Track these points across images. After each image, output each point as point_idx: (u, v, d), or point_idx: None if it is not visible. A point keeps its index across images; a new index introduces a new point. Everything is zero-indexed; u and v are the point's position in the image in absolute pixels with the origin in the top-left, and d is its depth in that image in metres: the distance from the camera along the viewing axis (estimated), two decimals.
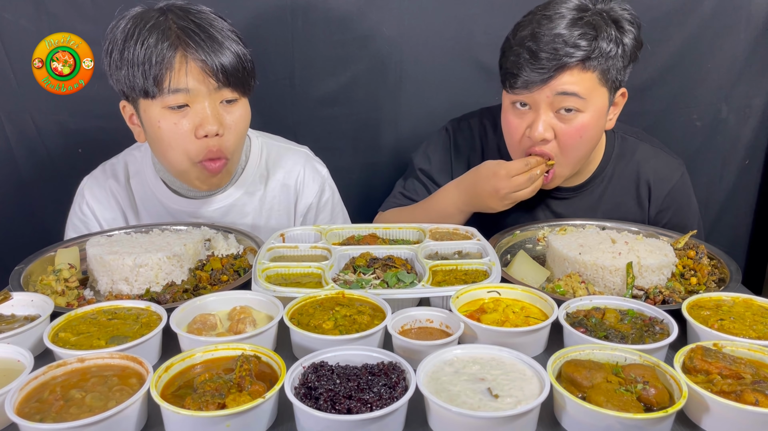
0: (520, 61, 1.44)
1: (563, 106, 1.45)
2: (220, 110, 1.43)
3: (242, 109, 1.48)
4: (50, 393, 0.90)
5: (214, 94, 1.41)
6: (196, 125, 1.41)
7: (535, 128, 1.47)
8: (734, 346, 1.01)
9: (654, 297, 1.26)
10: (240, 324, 1.09)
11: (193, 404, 0.85)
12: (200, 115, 1.40)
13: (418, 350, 1.03)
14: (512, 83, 1.47)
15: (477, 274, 1.28)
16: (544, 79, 1.43)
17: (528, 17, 1.49)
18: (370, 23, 2.08)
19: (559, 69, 1.41)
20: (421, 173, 1.79)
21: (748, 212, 2.40)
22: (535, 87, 1.44)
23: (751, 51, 2.15)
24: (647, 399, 0.89)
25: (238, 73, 1.41)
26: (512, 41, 1.49)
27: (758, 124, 2.27)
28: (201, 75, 1.38)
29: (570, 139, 1.48)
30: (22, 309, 1.17)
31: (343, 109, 2.16)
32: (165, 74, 1.36)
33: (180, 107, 1.40)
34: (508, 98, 1.53)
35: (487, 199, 1.52)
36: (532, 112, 1.49)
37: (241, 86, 1.43)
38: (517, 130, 1.52)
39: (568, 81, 1.43)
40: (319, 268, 1.27)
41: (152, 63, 1.35)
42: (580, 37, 1.41)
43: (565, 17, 1.43)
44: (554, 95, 1.44)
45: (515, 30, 1.51)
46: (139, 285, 1.29)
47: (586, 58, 1.41)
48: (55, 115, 2.06)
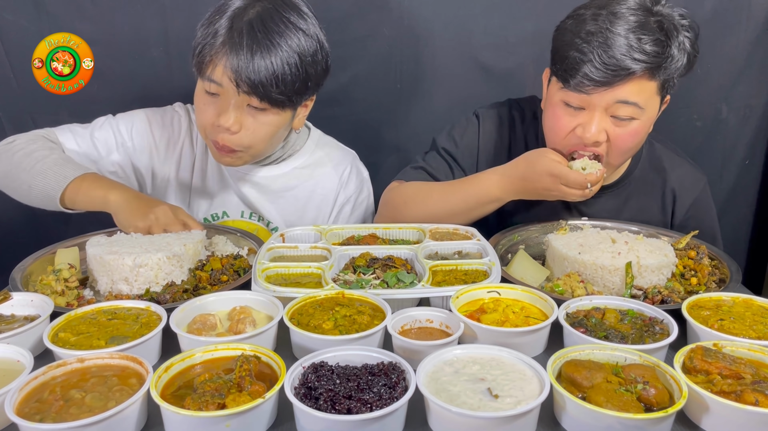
0: (585, 61, 1.37)
1: (620, 114, 1.41)
2: (244, 111, 1.47)
3: (269, 118, 1.49)
4: (50, 394, 0.90)
5: (239, 97, 1.43)
6: (218, 113, 1.47)
7: (589, 130, 1.42)
8: (734, 346, 1.01)
9: (653, 297, 1.26)
10: (240, 324, 1.08)
11: (193, 404, 0.85)
12: (223, 108, 1.46)
13: (418, 350, 1.03)
14: (571, 80, 1.40)
15: (477, 274, 1.28)
16: (609, 84, 1.37)
17: (590, 10, 1.41)
18: (370, 23, 2.08)
19: (627, 76, 1.36)
20: (445, 152, 1.72)
21: (748, 212, 2.40)
22: (595, 90, 1.38)
23: (751, 51, 2.15)
24: (647, 399, 0.89)
25: (268, 87, 1.41)
26: (574, 34, 1.41)
27: (758, 124, 2.26)
28: (227, 77, 1.42)
29: (621, 143, 1.45)
30: (22, 309, 1.17)
31: (343, 109, 2.16)
32: (208, 62, 1.43)
33: (212, 95, 1.47)
34: (560, 94, 1.46)
35: (539, 191, 1.47)
36: (585, 112, 1.43)
37: (269, 100, 1.44)
38: (565, 127, 1.47)
39: (632, 90, 1.38)
40: (319, 268, 1.27)
41: (203, 48, 1.42)
42: (654, 43, 1.35)
43: (634, 16, 1.36)
44: (614, 102, 1.39)
45: (577, 21, 1.42)
46: (138, 286, 1.29)
47: (657, 67, 1.36)
48: (55, 115, 2.06)
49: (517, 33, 2.10)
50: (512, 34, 2.11)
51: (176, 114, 1.73)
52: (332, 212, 1.78)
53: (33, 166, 1.49)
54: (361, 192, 1.82)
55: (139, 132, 1.68)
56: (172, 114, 1.73)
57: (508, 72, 2.14)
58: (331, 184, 1.76)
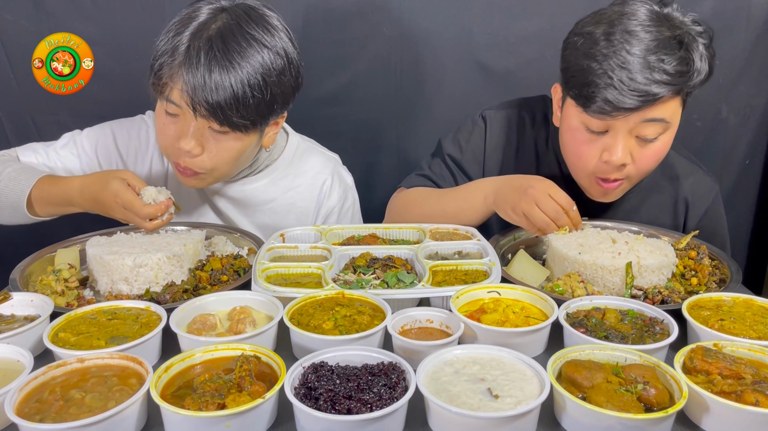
0: (605, 86, 1.30)
1: (646, 134, 1.36)
2: (205, 134, 1.38)
3: (231, 142, 1.40)
4: (50, 394, 0.90)
5: (200, 119, 1.35)
6: (179, 136, 1.39)
7: (615, 153, 1.36)
8: (734, 346, 1.01)
9: (653, 297, 1.26)
10: (240, 324, 1.08)
11: (192, 404, 0.85)
12: (183, 131, 1.38)
13: (418, 350, 1.03)
14: (592, 105, 1.33)
15: (477, 274, 1.28)
16: (634, 110, 1.30)
17: (601, 28, 1.34)
18: (370, 23, 2.08)
19: (654, 101, 1.30)
20: (450, 159, 1.68)
21: (748, 212, 2.40)
22: (619, 114, 1.32)
23: (751, 51, 2.15)
24: (647, 399, 0.89)
25: (227, 111, 1.32)
26: (588, 56, 1.33)
27: (758, 124, 2.26)
28: (185, 100, 1.33)
29: (646, 163, 1.41)
30: (22, 309, 1.17)
31: (343, 109, 2.16)
32: (165, 83, 1.35)
33: (172, 115, 1.39)
34: (580, 118, 1.39)
35: (513, 190, 1.41)
36: (609, 135, 1.37)
37: (228, 125, 1.35)
38: (589, 154, 1.41)
39: (659, 109, 1.32)
40: (319, 268, 1.27)
41: (162, 66, 1.34)
42: (678, 63, 1.29)
43: (650, 34, 1.30)
44: (640, 122, 1.33)
45: (588, 41, 1.35)
46: (138, 286, 1.29)
47: (683, 85, 1.31)
48: (55, 115, 2.06)
49: (517, 33, 2.10)
50: (512, 34, 2.11)
51: (144, 125, 1.65)
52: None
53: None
54: (345, 200, 1.73)
55: (104, 148, 1.61)
56: (140, 125, 1.65)
57: (508, 72, 2.14)
58: (311, 196, 1.67)
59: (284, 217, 1.66)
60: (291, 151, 1.67)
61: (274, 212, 1.66)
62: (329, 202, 1.70)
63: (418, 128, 2.23)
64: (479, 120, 1.70)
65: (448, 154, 1.68)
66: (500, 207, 1.44)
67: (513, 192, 1.41)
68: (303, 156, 1.69)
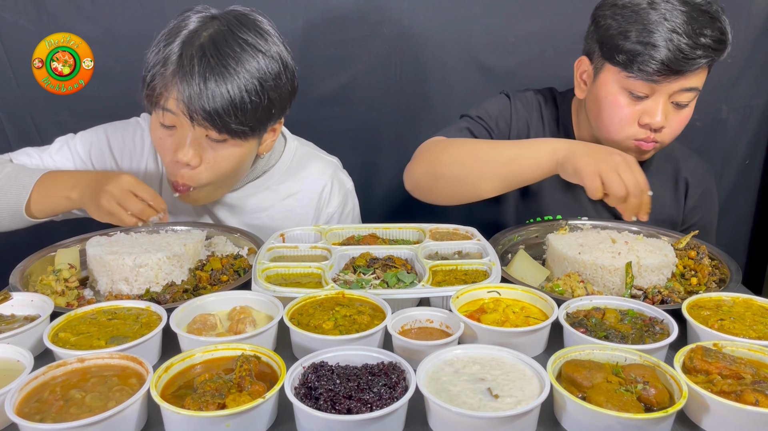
0: (659, 50, 1.37)
1: (681, 100, 1.45)
2: (203, 143, 1.37)
3: (229, 150, 1.39)
4: (50, 393, 0.90)
5: (196, 129, 1.34)
6: (176, 147, 1.38)
7: (655, 116, 1.44)
8: (734, 346, 1.01)
9: (653, 297, 1.26)
10: (240, 324, 1.08)
11: (193, 404, 0.85)
12: (180, 142, 1.37)
13: (418, 350, 1.03)
14: (643, 69, 1.39)
15: (477, 274, 1.28)
16: (682, 73, 1.40)
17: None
18: (370, 23, 2.08)
19: (700, 66, 1.40)
20: (481, 120, 1.65)
21: (748, 212, 2.40)
22: (666, 79, 1.41)
23: (751, 51, 2.15)
24: (647, 399, 0.89)
25: (225, 118, 1.30)
26: (634, 22, 1.41)
27: (758, 124, 2.26)
28: (180, 109, 1.32)
29: (677, 127, 1.49)
30: (22, 309, 1.17)
31: (343, 108, 2.16)
32: (159, 93, 1.33)
33: (168, 127, 1.37)
34: (622, 83, 1.46)
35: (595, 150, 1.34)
36: (649, 100, 1.45)
37: (227, 132, 1.33)
38: (630, 116, 1.47)
39: (698, 77, 1.43)
40: (319, 268, 1.27)
41: (154, 77, 1.32)
42: (719, 31, 1.39)
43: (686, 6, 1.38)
44: (679, 89, 1.43)
45: (632, 10, 1.42)
46: (139, 285, 1.29)
47: (721, 53, 1.41)
48: (55, 115, 2.06)
49: (517, 33, 2.10)
50: (512, 34, 2.11)
51: (138, 128, 1.63)
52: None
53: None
54: (345, 206, 1.71)
55: (98, 152, 1.60)
56: (134, 128, 1.63)
57: (508, 72, 2.14)
58: (310, 203, 1.65)
59: (283, 224, 1.62)
60: (289, 157, 1.65)
61: (272, 219, 1.63)
62: (329, 208, 1.68)
63: (418, 128, 2.22)
64: (502, 96, 1.72)
65: (479, 116, 1.66)
66: (571, 162, 1.32)
67: (595, 151, 1.34)
68: (302, 161, 1.67)
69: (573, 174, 1.32)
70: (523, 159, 1.40)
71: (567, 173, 1.34)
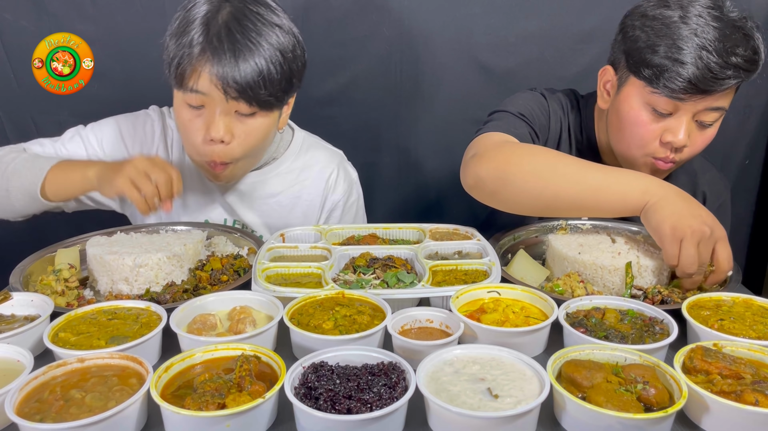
0: (687, 68, 1.31)
1: (706, 119, 1.39)
2: (233, 119, 1.42)
3: (258, 122, 1.44)
4: (50, 393, 0.90)
5: (227, 104, 1.39)
6: (206, 126, 1.42)
7: (677, 134, 1.38)
8: (734, 346, 1.01)
9: (653, 297, 1.26)
10: (240, 324, 1.09)
11: (193, 404, 0.85)
12: (210, 119, 1.41)
13: (418, 350, 1.03)
14: (669, 85, 1.33)
15: (477, 274, 1.28)
16: (710, 92, 1.33)
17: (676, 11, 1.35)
18: (370, 23, 2.08)
19: (729, 86, 1.34)
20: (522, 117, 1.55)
21: (748, 212, 2.40)
22: (692, 98, 1.34)
23: None
24: (647, 399, 0.89)
25: (256, 89, 1.37)
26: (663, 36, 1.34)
27: (758, 124, 2.26)
28: (214, 85, 1.37)
29: (701, 145, 1.44)
30: (22, 309, 1.17)
31: (343, 109, 2.16)
32: (190, 74, 1.37)
33: (196, 107, 1.42)
34: (646, 98, 1.40)
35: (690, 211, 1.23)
36: (672, 117, 1.39)
37: (257, 103, 1.40)
38: (653, 133, 1.42)
39: (726, 97, 1.37)
40: (319, 268, 1.28)
41: (182, 60, 1.37)
42: (751, 50, 1.33)
43: (719, 22, 1.32)
44: (704, 109, 1.37)
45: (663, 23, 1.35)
46: (139, 286, 1.29)
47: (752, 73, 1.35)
48: (55, 115, 2.06)
49: (517, 33, 2.10)
50: (512, 34, 2.11)
51: (149, 118, 1.67)
52: (320, 218, 1.74)
53: (5, 170, 1.47)
54: (350, 195, 1.76)
55: (109, 141, 1.63)
56: (145, 119, 1.67)
57: (508, 72, 2.14)
58: (317, 189, 1.71)
59: (291, 210, 1.69)
60: (297, 146, 1.71)
61: (281, 205, 1.69)
62: (334, 195, 1.73)
63: (418, 128, 2.23)
64: (536, 93, 1.65)
65: (521, 113, 1.55)
66: (659, 215, 1.23)
67: (688, 211, 1.23)
68: (309, 150, 1.73)
69: (654, 229, 1.24)
70: (610, 189, 1.29)
71: (648, 223, 1.25)
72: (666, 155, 1.44)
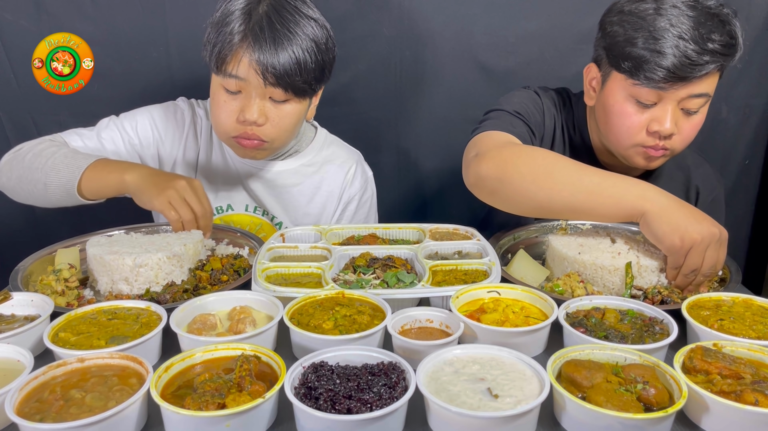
0: (664, 57, 1.34)
1: (690, 107, 1.41)
2: (267, 104, 1.50)
3: (290, 107, 1.53)
4: (50, 393, 0.90)
5: (264, 89, 1.46)
6: (241, 109, 1.49)
7: (664, 123, 1.40)
8: (734, 346, 1.01)
9: (653, 297, 1.26)
10: (240, 324, 1.09)
11: (193, 404, 0.85)
12: (246, 102, 1.49)
13: (418, 350, 1.03)
14: (649, 76, 1.36)
15: (477, 274, 1.28)
16: (688, 80, 1.36)
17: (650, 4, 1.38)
18: (370, 23, 2.08)
19: (708, 72, 1.35)
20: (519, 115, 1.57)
21: (748, 212, 2.40)
22: (672, 86, 1.37)
23: (751, 51, 2.15)
24: (647, 399, 0.89)
25: (292, 76, 1.45)
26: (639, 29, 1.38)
27: (758, 124, 2.26)
28: (254, 71, 1.44)
29: (690, 132, 1.46)
30: (22, 309, 1.17)
31: (343, 109, 2.16)
32: (228, 59, 1.45)
33: (232, 92, 1.49)
34: (629, 90, 1.43)
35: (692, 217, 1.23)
36: (657, 107, 1.42)
37: (293, 90, 1.48)
38: (639, 124, 1.44)
39: (707, 83, 1.39)
40: (319, 268, 1.28)
41: (223, 46, 1.44)
42: (728, 35, 1.35)
43: (694, 11, 1.35)
44: (687, 96, 1.39)
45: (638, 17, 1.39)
46: (139, 286, 1.29)
47: (731, 58, 1.37)
48: (55, 115, 2.06)
49: (517, 33, 2.11)
50: (512, 34, 2.11)
51: (178, 108, 1.75)
52: (336, 209, 1.81)
53: (44, 164, 1.50)
54: (365, 191, 1.84)
55: (143, 127, 1.70)
56: (175, 108, 1.75)
57: (508, 72, 2.14)
58: (336, 182, 1.79)
59: (311, 199, 1.77)
60: (320, 142, 1.81)
61: (302, 194, 1.77)
62: (351, 189, 1.81)
63: (418, 128, 2.23)
64: (529, 91, 1.67)
65: (517, 111, 1.57)
66: (662, 219, 1.23)
67: (692, 218, 1.22)
68: (330, 146, 1.83)
69: (660, 240, 1.24)
70: (605, 193, 1.28)
71: (652, 233, 1.25)
72: (656, 143, 1.46)
